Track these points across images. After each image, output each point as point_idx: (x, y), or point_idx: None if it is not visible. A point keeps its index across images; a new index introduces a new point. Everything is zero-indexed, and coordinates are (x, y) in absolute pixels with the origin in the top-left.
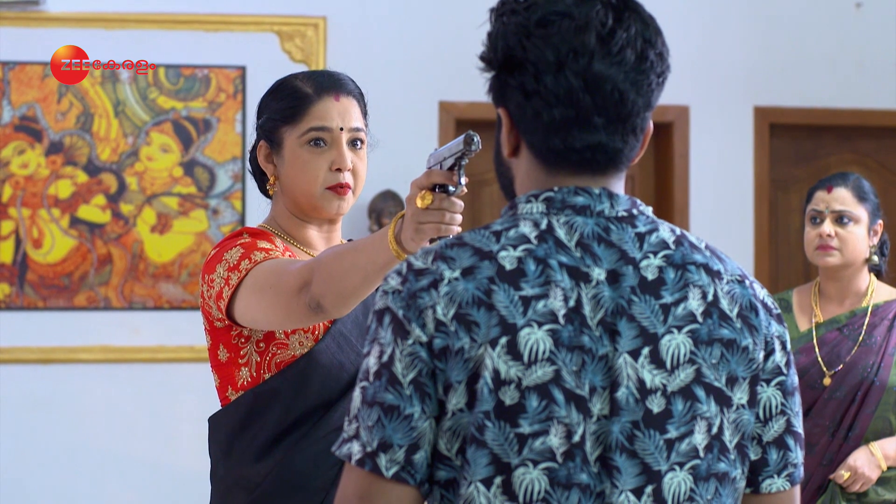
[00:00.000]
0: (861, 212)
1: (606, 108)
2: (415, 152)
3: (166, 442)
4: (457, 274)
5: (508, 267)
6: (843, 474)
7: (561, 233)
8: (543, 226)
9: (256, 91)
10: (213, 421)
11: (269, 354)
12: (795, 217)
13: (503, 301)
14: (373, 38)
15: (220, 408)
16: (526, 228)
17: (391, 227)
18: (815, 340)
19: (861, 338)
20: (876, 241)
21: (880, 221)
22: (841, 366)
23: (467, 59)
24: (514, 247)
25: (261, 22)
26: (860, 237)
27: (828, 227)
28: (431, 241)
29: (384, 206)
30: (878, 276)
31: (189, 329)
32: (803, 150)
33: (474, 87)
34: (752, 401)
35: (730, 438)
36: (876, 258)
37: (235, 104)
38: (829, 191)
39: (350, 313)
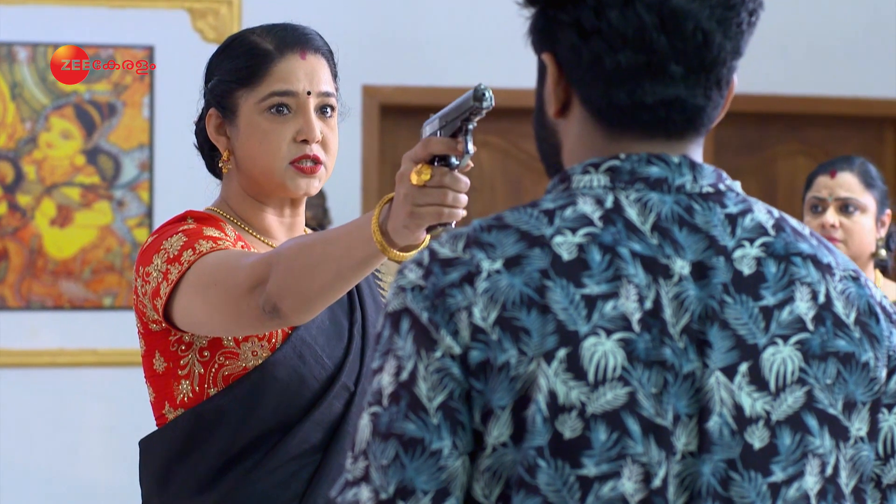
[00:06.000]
0: (868, 199)
1: (687, 52)
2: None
3: (68, 453)
4: (498, 265)
5: (566, 256)
6: None
7: (632, 213)
8: (609, 204)
9: (165, 73)
10: (146, 445)
11: (216, 366)
12: None
13: (561, 301)
14: (291, 17)
15: (155, 428)
16: (587, 207)
17: (375, 214)
18: None
19: None
20: (884, 232)
21: (888, 211)
22: None
23: (392, 41)
24: (573, 230)
25: None
26: (867, 228)
27: (831, 216)
28: (429, 230)
29: None
30: (885, 272)
31: (93, 331)
32: (748, 139)
33: (400, 70)
34: (873, 432)
35: (846, 482)
36: (883, 252)
37: (143, 87)
38: (832, 175)
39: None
